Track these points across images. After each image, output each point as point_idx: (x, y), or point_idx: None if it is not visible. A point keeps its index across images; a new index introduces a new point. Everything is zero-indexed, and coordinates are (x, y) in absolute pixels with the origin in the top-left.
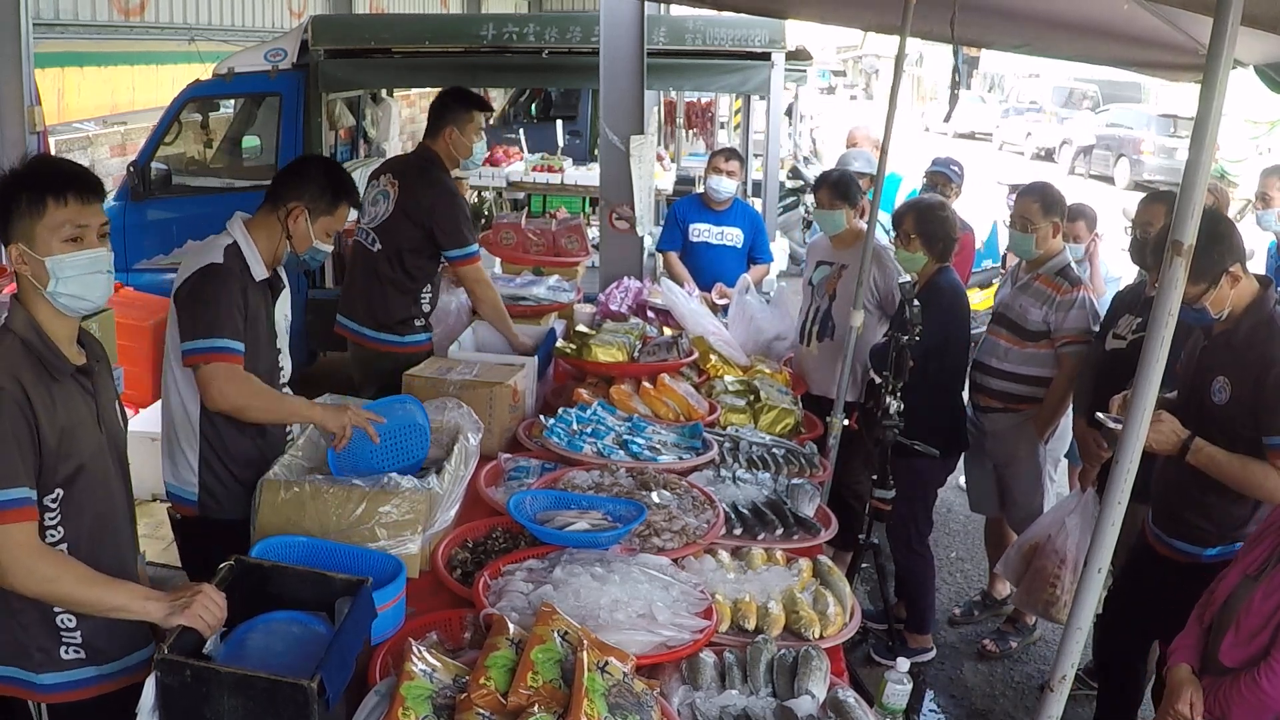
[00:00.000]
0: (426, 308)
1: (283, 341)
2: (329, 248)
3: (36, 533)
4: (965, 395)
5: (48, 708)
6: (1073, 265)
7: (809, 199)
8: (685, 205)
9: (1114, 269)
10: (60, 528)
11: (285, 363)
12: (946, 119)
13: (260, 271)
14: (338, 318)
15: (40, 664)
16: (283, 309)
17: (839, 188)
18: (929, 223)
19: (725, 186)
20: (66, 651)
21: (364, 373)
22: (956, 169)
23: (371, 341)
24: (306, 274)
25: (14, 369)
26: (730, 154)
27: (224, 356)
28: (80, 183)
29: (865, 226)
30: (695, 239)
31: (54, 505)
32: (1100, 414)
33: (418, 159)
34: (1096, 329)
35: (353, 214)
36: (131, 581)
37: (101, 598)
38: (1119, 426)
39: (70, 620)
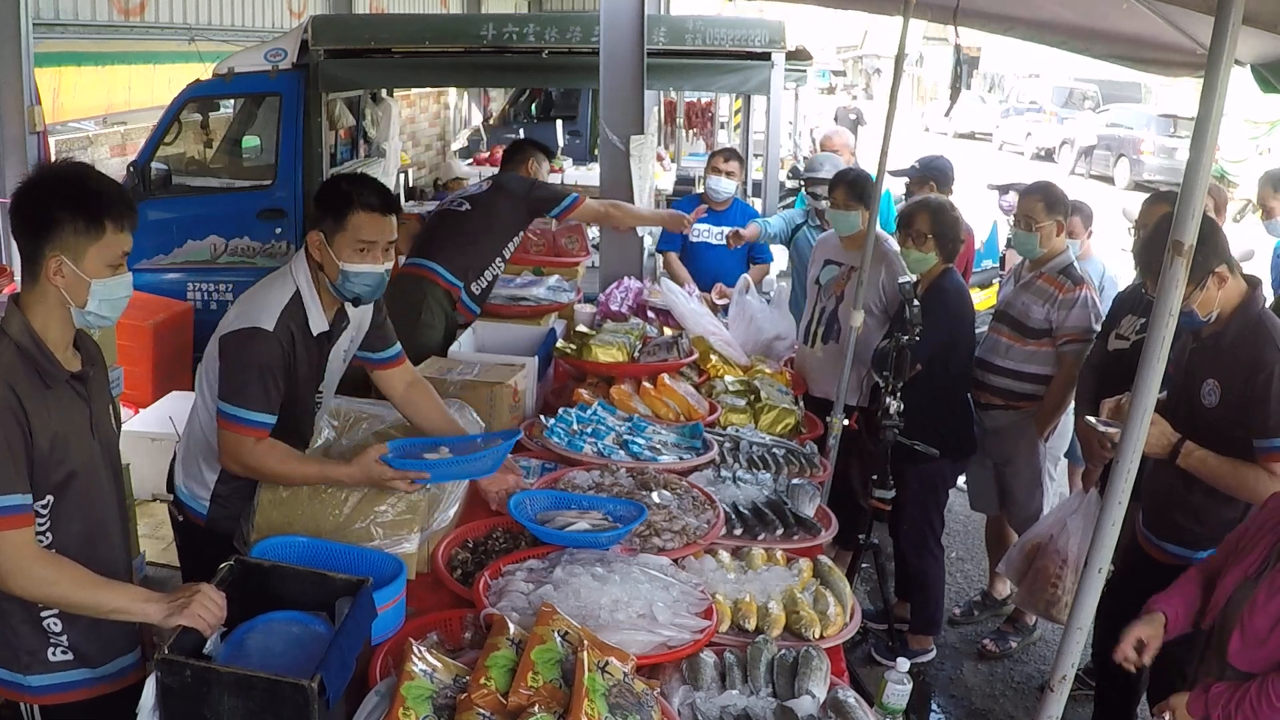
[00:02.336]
0: (485, 283)
1: (329, 381)
2: (373, 267)
3: (34, 537)
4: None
5: (40, 709)
6: (1075, 264)
7: (822, 203)
8: (685, 206)
9: (1112, 269)
10: (49, 534)
11: (327, 400)
12: (947, 114)
13: (320, 324)
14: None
15: (28, 665)
16: (342, 346)
17: (855, 188)
18: (943, 223)
19: (725, 186)
20: (54, 654)
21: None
22: (945, 164)
23: (423, 270)
24: None
25: (8, 375)
26: (730, 154)
27: (248, 430)
28: (133, 213)
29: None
30: (695, 239)
31: (44, 512)
32: (1090, 418)
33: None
34: (1098, 328)
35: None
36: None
37: (100, 600)
38: (1112, 430)
39: (57, 624)
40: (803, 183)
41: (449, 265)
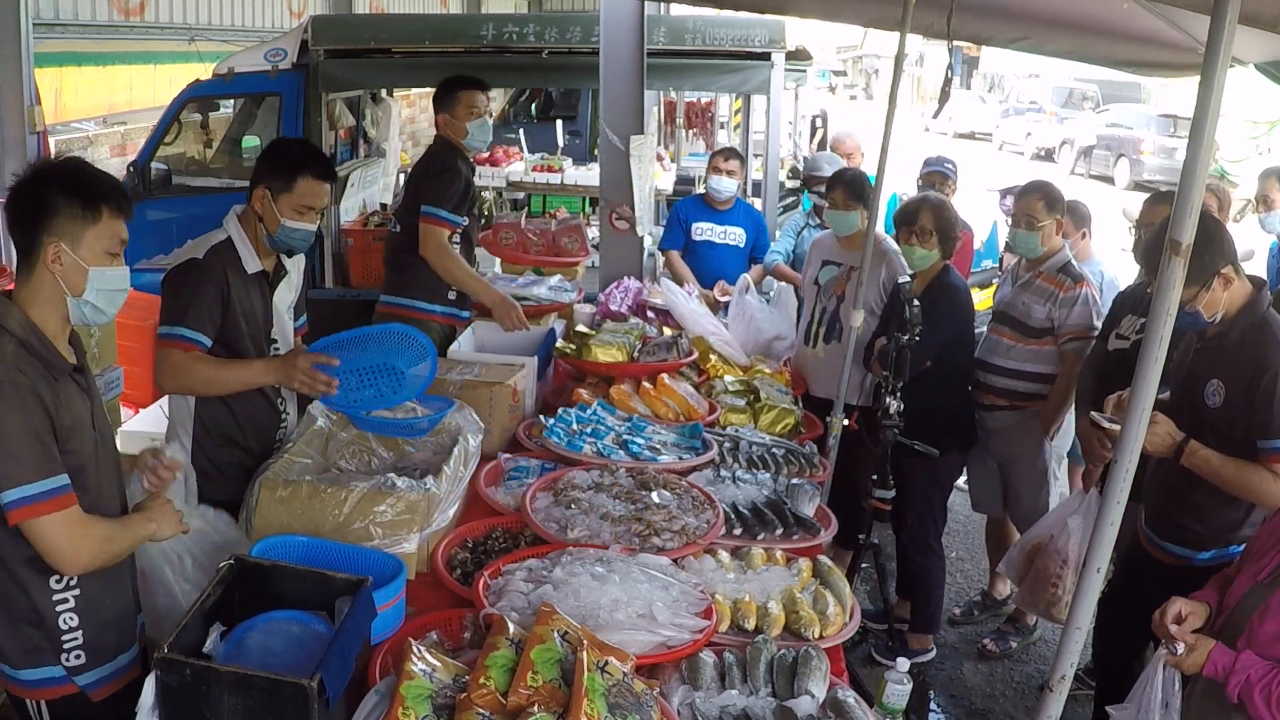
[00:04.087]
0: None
1: (281, 329)
2: (308, 225)
3: (79, 508)
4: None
5: (47, 705)
6: (1074, 262)
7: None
8: (688, 205)
9: (1112, 269)
10: None
11: (282, 349)
12: (935, 116)
13: (254, 264)
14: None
15: (36, 661)
16: (285, 296)
17: (854, 188)
18: (945, 220)
19: (726, 186)
20: (66, 649)
21: None
22: (951, 166)
23: (387, 306)
24: (309, 274)
25: (21, 365)
26: (730, 153)
27: (178, 344)
28: (129, 202)
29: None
30: (698, 238)
31: None
32: (1095, 414)
33: (435, 148)
34: (1100, 325)
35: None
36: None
37: (138, 532)
38: (1115, 426)
39: (73, 619)
40: (802, 182)
41: (419, 293)
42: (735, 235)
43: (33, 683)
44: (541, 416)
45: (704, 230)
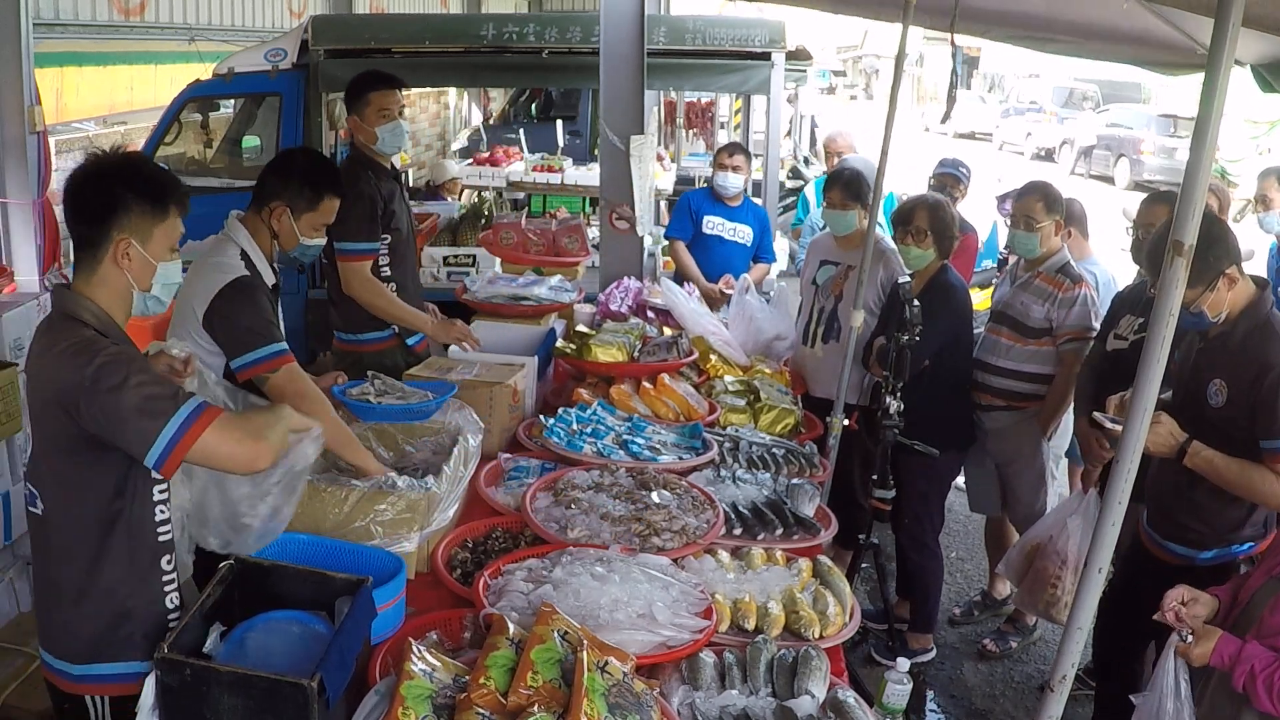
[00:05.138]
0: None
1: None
2: (321, 240)
3: (227, 413)
4: None
5: (109, 702)
6: (1072, 262)
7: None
8: (698, 196)
9: (1111, 269)
10: (167, 506)
11: None
12: (944, 120)
13: (270, 277)
14: (336, 336)
15: (95, 655)
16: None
17: (851, 188)
18: (941, 220)
19: (732, 182)
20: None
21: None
22: (965, 170)
23: (342, 344)
24: (308, 273)
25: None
26: (734, 148)
27: (288, 358)
28: (188, 196)
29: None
30: (709, 231)
31: (164, 492)
32: (1097, 414)
33: (341, 169)
34: (1098, 325)
35: None
36: None
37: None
38: (1117, 427)
39: (176, 599)
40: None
41: (369, 326)
42: (744, 233)
43: (99, 678)
44: (541, 416)
45: (715, 224)
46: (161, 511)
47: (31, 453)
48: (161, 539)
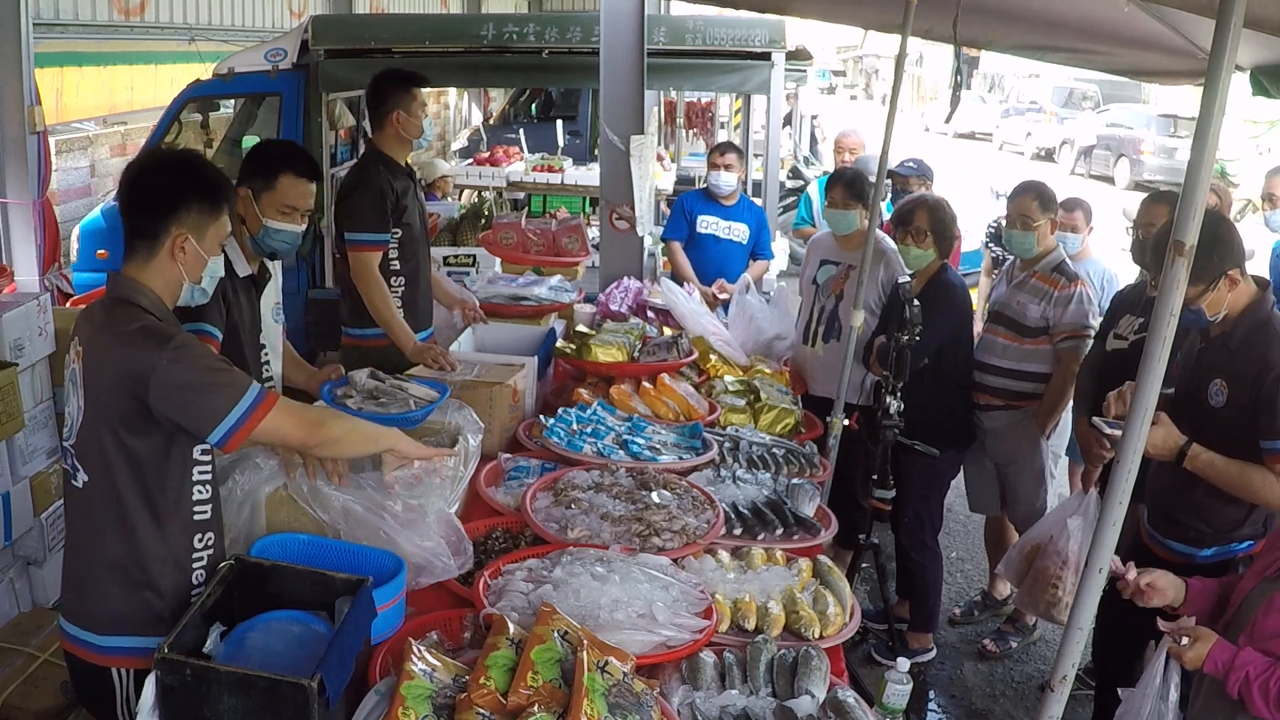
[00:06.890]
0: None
1: (269, 335)
2: (292, 227)
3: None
4: None
5: (134, 675)
6: (1068, 261)
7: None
8: (692, 197)
9: (1111, 269)
10: (209, 485)
11: (271, 358)
12: (947, 120)
13: (243, 267)
14: (344, 331)
15: (121, 626)
16: (270, 299)
17: (854, 187)
18: (941, 220)
19: (726, 181)
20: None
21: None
22: (911, 164)
23: (349, 338)
24: (308, 273)
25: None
26: (726, 148)
27: (201, 338)
28: (235, 195)
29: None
30: (703, 230)
31: (206, 460)
32: (1096, 420)
33: (357, 163)
34: (1095, 324)
35: None
36: None
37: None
38: (1116, 433)
39: (203, 573)
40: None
41: (350, 320)
42: (739, 231)
43: (125, 650)
44: (541, 416)
45: (709, 224)
46: (199, 491)
47: (80, 428)
48: (198, 517)
